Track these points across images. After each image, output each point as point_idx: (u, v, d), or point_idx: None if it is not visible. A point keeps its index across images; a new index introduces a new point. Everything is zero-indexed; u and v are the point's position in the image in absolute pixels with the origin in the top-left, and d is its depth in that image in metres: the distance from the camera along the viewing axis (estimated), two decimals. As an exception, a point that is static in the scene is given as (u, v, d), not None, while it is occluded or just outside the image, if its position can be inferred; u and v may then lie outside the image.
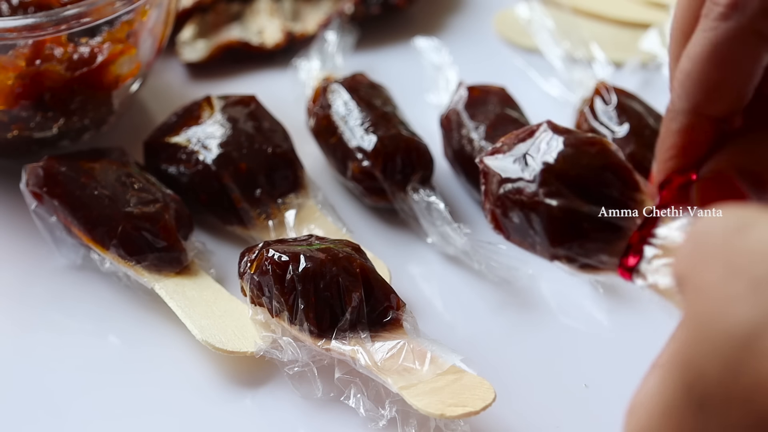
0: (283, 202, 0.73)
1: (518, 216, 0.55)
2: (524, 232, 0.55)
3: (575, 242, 0.54)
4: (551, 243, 0.55)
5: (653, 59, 0.85)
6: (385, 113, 0.75)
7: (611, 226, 0.54)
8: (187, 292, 0.68)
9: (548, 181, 0.54)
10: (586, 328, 0.69)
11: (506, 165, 0.56)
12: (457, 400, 0.60)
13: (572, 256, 0.55)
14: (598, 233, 0.54)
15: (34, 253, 0.72)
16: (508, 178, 0.55)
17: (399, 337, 0.63)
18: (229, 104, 0.75)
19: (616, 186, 0.54)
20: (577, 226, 0.54)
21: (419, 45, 0.83)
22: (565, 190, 0.54)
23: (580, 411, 0.65)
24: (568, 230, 0.54)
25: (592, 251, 0.54)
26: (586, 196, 0.54)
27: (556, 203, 0.54)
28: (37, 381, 0.66)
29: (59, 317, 0.70)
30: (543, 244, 0.55)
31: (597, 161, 0.55)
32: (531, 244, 0.55)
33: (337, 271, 0.64)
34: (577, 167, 0.55)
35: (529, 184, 0.55)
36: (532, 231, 0.55)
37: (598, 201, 0.54)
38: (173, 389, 0.66)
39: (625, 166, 0.55)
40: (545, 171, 0.55)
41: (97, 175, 0.71)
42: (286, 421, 0.64)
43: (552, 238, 0.54)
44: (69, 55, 0.72)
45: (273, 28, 0.87)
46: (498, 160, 0.56)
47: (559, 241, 0.54)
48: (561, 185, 0.54)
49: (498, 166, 0.56)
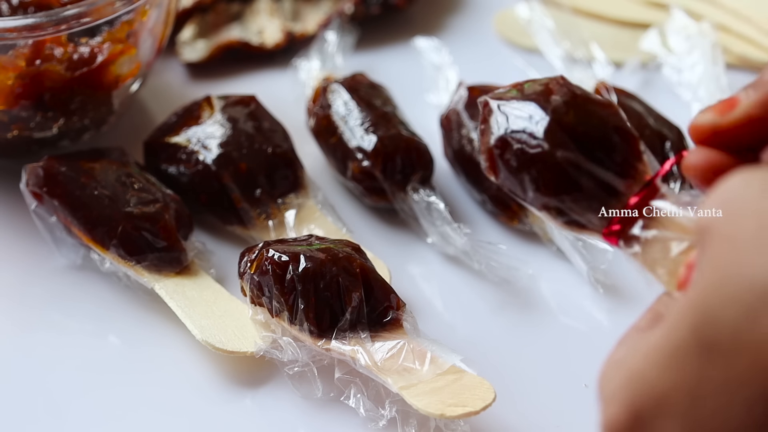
0: (283, 202, 0.73)
1: (517, 159, 0.55)
2: (519, 177, 0.55)
3: (570, 195, 0.54)
4: (545, 191, 0.54)
5: (653, 59, 0.85)
6: (385, 113, 0.75)
7: (609, 188, 0.54)
8: (187, 292, 0.68)
9: (555, 131, 0.54)
10: (586, 328, 0.69)
11: (513, 109, 0.56)
12: (457, 400, 0.60)
13: (563, 210, 0.55)
14: (594, 192, 0.54)
15: (34, 253, 0.72)
16: (513, 121, 0.55)
17: (399, 337, 0.63)
18: (229, 104, 0.75)
19: (621, 151, 0.54)
20: (574, 180, 0.54)
21: (419, 45, 0.83)
22: (570, 143, 0.54)
23: (580, 411, 0.65)
24: (565, 182, 0.54)
25: (583, 209, 0.54)
26: (589, 154, 0.54)
27: (559, 153, 0.54)
28: (37, 381, 0.66)
29: (59, 317, 0.70)
30: (536, 192, 0.55)
31: (607, 122, 0.55)
32: (523, 190, 0.55)
33: (337, 271, 0.64)
34: (586, 124, 0.55)
35: (535, 131, 0.55)
36: (528, 177, 0.55)
37: (600, 161, 0.54)
38: (173, 389, 0.66)
39: (633, 134, 0.55)
40: (553, 121, 0.55)
41: (97, 175, 0.71)
42: (286, 421, 0.64)
43: (547, 187, 0.54)
44: (69, 55, 0.72)
45: (273, 28, 0.87)
46: (505, 103, 0.56)
47: (553, 191, 0.54)
48: (567, 138, 0.54)
49: (505, 108, 0.56)
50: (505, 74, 0.84)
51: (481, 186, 0.74)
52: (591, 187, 0.54)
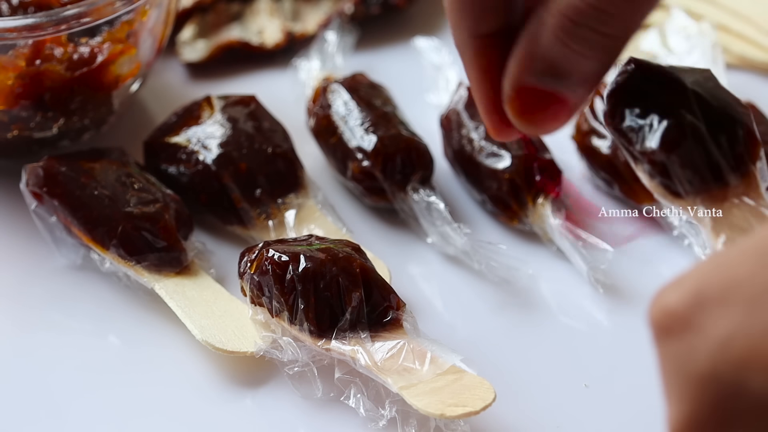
0: (283, 202, 0.73)
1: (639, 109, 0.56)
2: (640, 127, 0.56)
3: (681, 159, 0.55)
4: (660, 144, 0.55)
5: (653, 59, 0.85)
6: (385, 113, 0.75)
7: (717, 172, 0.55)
8: (187, 292, 0.68)
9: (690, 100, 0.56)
10: (586, 328, 0.69)
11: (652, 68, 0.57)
12: (457, 400, 0.60)
13: (667, 169, 0.55)
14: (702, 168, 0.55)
15: (34, 253, 0.72)
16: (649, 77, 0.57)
17: (399, 337, 0.63)
18: (229, 104, 0.75)
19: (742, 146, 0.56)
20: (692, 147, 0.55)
21: (419, 45, 0.83)
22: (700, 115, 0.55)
23: (580, 411, 0.65)
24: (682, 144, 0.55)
25: (685, 178, 0.55)
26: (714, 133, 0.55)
27: (688, 117, 0.55)
28: (37, 381, 0.66)
29: (59, 317, 0.70)
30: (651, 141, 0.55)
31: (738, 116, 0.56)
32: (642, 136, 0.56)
33: (337, 271, 0.64)
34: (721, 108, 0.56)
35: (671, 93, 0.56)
36: (649, 127, 0.55)
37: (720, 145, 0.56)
38: (173, 389, 0.66)
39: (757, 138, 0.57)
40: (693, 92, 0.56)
41: (97, 175, 0.71)
42: (286, 421, 0.64)
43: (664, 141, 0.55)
44: (69, 55, 0.72)
45: (273, 28, 0.87)
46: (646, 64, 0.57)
47: (668, 148, 0.55)
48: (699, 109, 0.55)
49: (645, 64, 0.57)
50: (505, 74, 0.84)
51: (481, 186, 0.74)
52: (702, 162, 0.55)
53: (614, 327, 0.69)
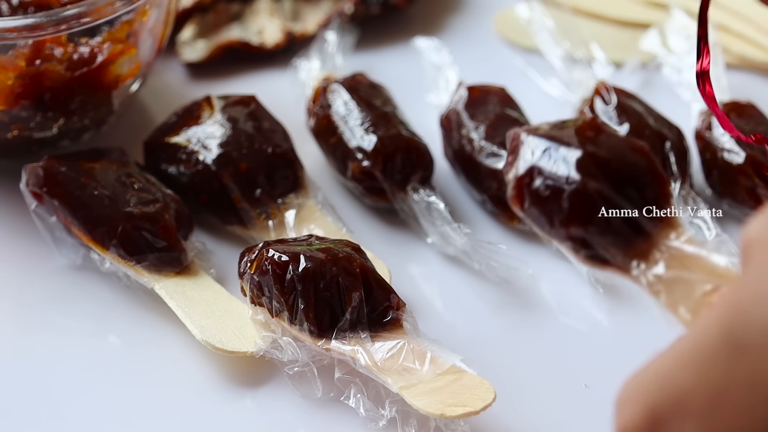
0: (283, 202, 0.73)
1: (547, 188, 0.55)
2: (547, 206, 0.55)
3: (597, 227, 0.55)
4: (573, 220, 0.55)
5: (653, 59, 0.85)
6: (385, 113, 0.75)
7: (636, 226, 0.55)
8: (187, 292, 0.68)
9: (587, 164, 0.55)
10: (586, 328, 0.69)
11: (545, 142, 0.56)
12: (457, 400, 0.60)
13: (588, 242, 0.55)
14: (621, 227, 0.55)
15: (34, 253, 0.72)
16: (545, 153, 0.56)
17: (399, 337, 0.63)
18: (229, 104, 0.75)
19: (652, 191, 0.55)
20: (603, 213, 0.55)
21: (419, 45, 0.83)
22: (602, 176, 0.55)
23: (580, 411, 0.65)
24: (594, 213, 0.55)
25: (608, 244, 0.55)
26: (620, 190, 0.55)
27: (591, 184, 0.55)
28: (37, 381, 0.66)
29: (59, 317, 0.70)
30: (562, 222, 0.55)
31: (639, 163, 0.56)
32: (549, 220, 0.55)
33: (337, 271, 0.64)
34: (618, 161, 0.56)
35: (567, 162, 0.55)
36: (557, 206, 0.55)
37: (630, 199, 0.55)
38: (173, 389, 0.66)
39: (664, 176, 0.56)
40: (587, 154, 0.55)
41: (97, 175, 0.71)
42: (286, 421, 0.64)
43: (575, 216, 0.55)
44: (69, 55, 0.72)
45: (273, 28, 0.87)
46: (536, 136, 0.57)
47: (581, 221, 0.55)
48: (599, 171, 0.55)
49: (536, 140, 0.56)
50: (505, 74, 0.84)
51: (481, 186, 0.74)
52: (619, 223, 0.55)
53: (614, 327, 0.69)
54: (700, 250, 0.54)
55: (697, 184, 0.76)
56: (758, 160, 0.73)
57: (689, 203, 0.73)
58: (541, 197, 0.55)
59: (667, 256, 0.54)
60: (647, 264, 0.54)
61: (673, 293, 0.54)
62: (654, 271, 0.54)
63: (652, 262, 0.54)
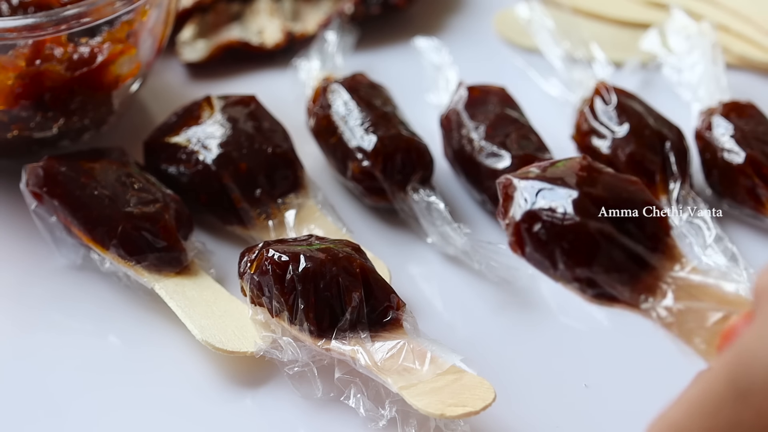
0: (283, 202, 0.73)
1: (547, 232, 0.55)
2: (549, 250, 0.56)
3: (602, 266, 0.55)
4: (578, 262, 0.55)
5: (653, 59, 0.85)
6: (385, 113, 0.75)
7: (640, 260, 0.55)
8: (187, 292, 0.68)
9: (585, 204, 0.55)
10: (586, 328, 0.69)
11: (538, 185, 0.56)
12: (457, 400, 0.60)
13: (594, 281, 0.55)
14: (625, 264, 0.55)
15: (34, 253, 0.72)
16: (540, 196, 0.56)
17: (399, 337, 0.63)
18: (229, 104, 0.75)
19: (652, 224, 0.56)
20: (607, 251, 0.55)
21: (419, 45, 0.83)
22: (601, 215, 0.55)
23: (580, 411, 0.65)
24: (597, 252, 0.55)
25: (614, 281, 0.55)
26: (620, 226, 0.55)
27: (592, 224, 0.55)
28: (37, 381, 0.66)
29: (59, 317, 0.70)
30: (567, 263, 0.55)
31: (635, 197, 0.56)
32: (553, 262, 0.56)
33: (337, 271, 0.64)
34: (615, 198, 0.56)
35: (564, 204, 0.55)
36: (559, 249, 0.55)
37: (631, 234, 0.55)
38: (173, 389, 0.66)
39: (661, 208, 0.57)
40: (583, 194, 0.55)
41: (97, 175, 0.71)
42: (286, 421, 0.64)
43: (579, 257, 0.55)
44: (69, 55, 0.72)
45: (273, 28, 0.87)
46: (528, 181, 0.57)
47: (586, 262, 0.55)
48: (597, 210, 0.55)
49: (529, 184, 0.56)
50: (505, 74, 0.84)
51: (481, 186, 0.74)
52: (623, 259, 0.55)
53: (614, 327, 0.69)
54: (707, 279, 0.54)
55: (697, 184, 0.76)
56: (758, 160, 0.73)
57: (689, 203, 0.73)
58: (542, 241, 0.56)
59: (674, 288, 0.55)
60: (655, 298, 0.55)
61: (686, 324, 0.54)
62: (663, 303, 0.54)
63: (660, 295, 0.55)
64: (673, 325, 0.54)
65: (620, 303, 0.56)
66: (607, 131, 0.75)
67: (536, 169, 0.58)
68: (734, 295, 0.54)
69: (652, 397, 0.65)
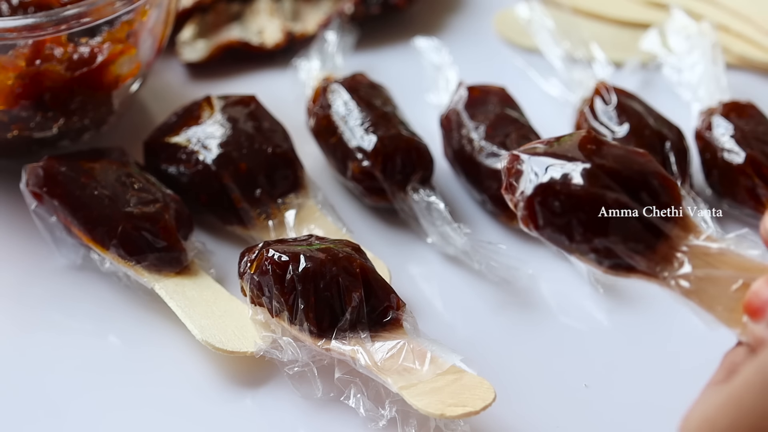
0: (283, 202, 0.73)
1: (562, 205, 0.55)
2: (565, 222, 0.56)
3: (619, 236, 0.55)
4: (595, 232, 0.55)
5: (653, 59, 0.85)
6: (385, 113, 0.75)
7: (655, 229, 0.55)
8: (187, 292, 0.68)
9: (598, 175, 0.55)
10: (586, 328, 0.69)
11: (548, 160, 0.56)
12: (457, 400, 0.60)
13: (612, 251, 0.55)
14: (641, 233, 0.55)
15: (34, 253, 0.72)
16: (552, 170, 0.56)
17: (399, 337, 0.63)
18: (229, 104, 0.75)
19: (664, 194, 0.56)
20: (623, 220, 0.55)
21: (419, 45, 0.83)
22: (615, 185, 0.55)
23: (580, 411, 0.65)
24: (614, 222, 0.55)
25: (631, 250, 0.55)
26: (635, 196, 0.55)
27: (608, 194, 0.55)
28: (37, 381, 0.66)
29: (59, 317, 0.70)
30: (583, 235, 0.55)
31: (646, 168, 0.56)
32: (569, 234, 0.56)
33: (337, 271, 0.64)
34: (627, 169, 0.56)
35: (577, 177, 0.56)
36: (576, 220, 0.55)
37: (645, 204, 0.56)
38: (173, 389, 0.66)
39: (672, 179, 0.57)
40: (596, 166, 0.55)
41: (97, 175, 0.71)
42: (286, 421, 0.64)
43: (597, 227, 0.55)
44: (69, 55, 0.72)
45: (273, 28, 0.87)
46: (537, 156, 0.57)
47: (603, 232, 0.55)
48: (611, 181, 0.55)
49: (538, 160, 0.56)
50: (505, 74, 0.84)
51: (481, 186, 0.74)
52: (639, 229, 0.55)
53: (614, 327, 0.69)
54: (723, 246, 0.54)
55: (697, 184, 0.76)
56: (758, 160, 0.73)
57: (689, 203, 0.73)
58: (557, 213, 0.56)
59: (690, 256, 0.55)
60: (672, 267, 0.55)
61: (706, 292, 0.54)
62: (682, 271, 0.54)
63: (677, 264, 0.55)
64: (694, 293, 0.54)
65: (637, 273, 0.56)
66: (607, 131, 0.75)
67: (542, 144, 0.58)
68: (752, 261, 0.54)
69: (653, 397, 0.65)
